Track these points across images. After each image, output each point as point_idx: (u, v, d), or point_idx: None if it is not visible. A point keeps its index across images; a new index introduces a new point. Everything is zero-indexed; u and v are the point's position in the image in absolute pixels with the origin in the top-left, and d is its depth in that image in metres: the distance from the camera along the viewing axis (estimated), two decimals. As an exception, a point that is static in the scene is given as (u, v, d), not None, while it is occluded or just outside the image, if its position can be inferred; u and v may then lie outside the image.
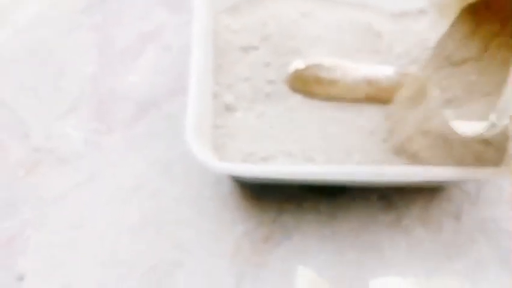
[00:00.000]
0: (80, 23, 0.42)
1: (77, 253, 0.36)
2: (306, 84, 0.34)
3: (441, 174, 0.32)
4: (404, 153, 0.33)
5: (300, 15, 0.37)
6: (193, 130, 0.30)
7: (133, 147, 0.39)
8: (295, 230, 0.36)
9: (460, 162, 0.32)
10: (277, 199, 0.37)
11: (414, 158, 0.32)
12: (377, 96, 0.34)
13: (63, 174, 0.38)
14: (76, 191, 0.38)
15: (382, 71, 0.34)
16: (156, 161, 0.38)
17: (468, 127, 0.28)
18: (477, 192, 0.38)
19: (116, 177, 0.38)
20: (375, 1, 0.38)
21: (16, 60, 0.41)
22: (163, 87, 0.40)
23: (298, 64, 0.33)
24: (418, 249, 0.36)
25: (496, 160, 0.33)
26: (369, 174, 0.31)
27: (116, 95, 0.40)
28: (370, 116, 0.34)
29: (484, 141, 0.35)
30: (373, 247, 0.36)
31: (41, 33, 0.42)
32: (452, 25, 0.30)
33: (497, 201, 0.37)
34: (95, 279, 0.35)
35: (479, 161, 0.34)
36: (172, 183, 0.38)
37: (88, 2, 0.43)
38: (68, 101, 0.40)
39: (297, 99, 0.35)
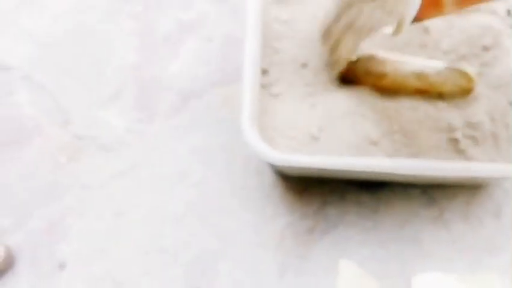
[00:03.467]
0: (121, 9, 0.42)
1: (119, 241, 0.36)
2: (357, 76, 0.34)
3: (484, 170, 0.32)
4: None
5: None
6: (249, 122, 0.30)
7: (174, 137, 0.39)
8: (338, 222, 0.36)
9: None
10: (319, 192, 0.37)
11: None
12: (427, 90, 0.34)
13: (104, 162, 0.38)
14: (117, 179, 0.38)
15: (431, 65, 0.34)
16: (198, 151, 0.38)
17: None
18: (517, 190, 0.38)
19: (158, 166, 0.38)
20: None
21: (57, 46, 0.41)
22: (204, 77, 0.40)
23: (350, 55, 0.33)
24: (459, 244, 0.36)
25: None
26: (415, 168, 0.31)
27: (157, 85, 0.40)
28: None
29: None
30: (414, 241, 0.36)
31: (83, 21, 0.42)
32: None
33: (540, 199, 0.38)
34: (137, 267, 0.35)
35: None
36: (214, 173, 0.38)
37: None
38: (110, 89, 0.40)
39: (345, 90, 0.35)
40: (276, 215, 0.37)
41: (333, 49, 0.34)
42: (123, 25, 0.42)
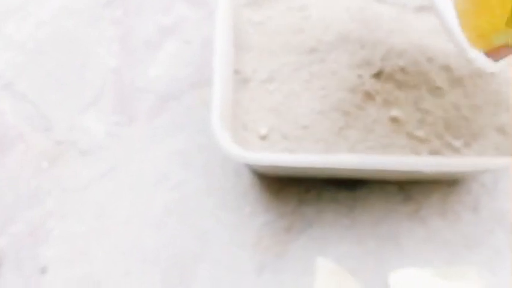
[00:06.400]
0: (103, 16, 0.43)
1: (100, 244, 0.37)
2: None
3: (458, 163, 0.33)
4: None
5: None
6: (219, 125, 0.31)
7: (154, 139, 0.39)
8: (315, 221, 0.37)
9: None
10: (296, 190, 0.37)
11: None
12: None
13: (85, 165, 0.39)
14: (98, 182, 0.38)
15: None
16: (177, 153, 0.39)
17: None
18: (494, 184, 0.38)
19: (138, 168, 0.38)
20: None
21: (38, 52, 0.42)
22: (183, 80, 0.41)
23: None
24: (436, 240, 0.36)
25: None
26: (386, 163, 0.32)
27: (137, 88, 0.41)
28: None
29: (503, 132, 0.35)
30: (392, 237, 0.36)
31: (64, 26, 0.43)
32: None
33: (516, 193, 0.38)
34: (118, 269, 0.36)
35: (497, 150, 0.34)
36: (193, 174, 0.38)
37: (110, -5, 0.44)
38: (90, 94, 0.40)
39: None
40: (254, 214, 0.37)
41: None
42: (104, 30, 0.42)
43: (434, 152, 0.34)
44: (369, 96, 0.36)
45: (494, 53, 0.30)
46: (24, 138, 0.40)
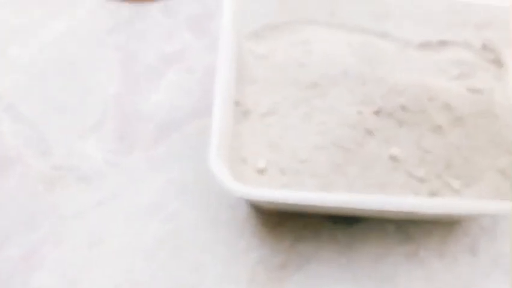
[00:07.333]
0: (107, 41, 0.43)
1: (93, 272, 0.36)
2: None
3: (456, 206, 0.32)
4: None
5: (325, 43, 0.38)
6: (216, 160, 0.31)
7: (152, 168, 0.39)
8: (312, 258, 0.36)
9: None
10: (293, 225, 0.37)
11: None
12: None
13: (82, 192, 0.38)
14: (94, 210, 0.38)
15: None
16: (175, 183, 0.38)
17: None
18: (494, 227, 0.38)
19: (135, 197, 0.38)
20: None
21: (41, 75, 0.42)
22: (184, 108, 0.41)
23: None
24: (434, 282, 0.36)
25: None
26: (387, 204, 0.31)
27: (138, 116, 0.40)
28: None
29: (504, 174, 0.35)
30: (389, 278, 0.36)
31: (68, 50, 0.43)
32: None
33: (515, 238, 0.37)
34: (109, 299, 0.35)
35: (497, 192, 0.34)
36: (189, 205, 0.38)
37: (116, 21, 0.44)
38: (91, 120, 0.40)
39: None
40: (249, 249, 0.36)
41: None
42: (107, 55, 0.43)
43: (433, 192, 0.34)
44: (369, 133, 0.36)
45: None
46: (22, 160, 0.39)
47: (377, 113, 0.36)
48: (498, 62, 0.39)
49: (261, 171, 0.34)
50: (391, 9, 0.39)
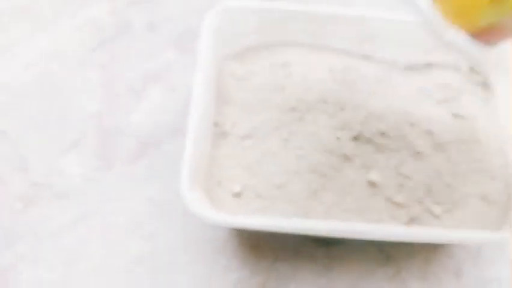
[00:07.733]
0: (90, 60, 0.43)
1: (69, 291, 0.36)
2: None
3: (438, 236, 0.32)
4: None
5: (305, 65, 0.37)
6: (188, 187, 0.30)
7: (131, 186, 0.39)
8: (291, 279, 0.36)
9: None
10: (273, 246, 0.36)
11: None
12: None
13: (60, 210, 0.38)
14: (70, 228, 0.37)
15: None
16: (153, 201, 0.38)
17: None
18: (478, 250, 0.37)
19: (113, 215, 0.38)
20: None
21: (22, 93, 0.42)
22: (165, 126, 0.40)
23: None
24: (416, 306, 0.35)
25: (498, 221, 0.32)
26: (369, 232, 0.31)
27: (119, 133, 0.40)
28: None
29: (487, 200, 0.34)
30: (370, 301, 0.35)
31: (50, 69, 0.43)
32: None
33: (499, 261, 0.36)
34: (84, 320, 0.35)
35: (479, 219, 0.33)
36: (167, 224, 0.37)
37: (101, 39, 0.44)
38: (70, 137, 0.40)
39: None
40: (228, 269, 0.36)
41: None
42: (89, 74, 0.43)
43: (412, 218, 0.33)
44: (347, 158, 0.35)
45: (482, 35, 0.24)
46: (0, 178, 0.39)
47: (356, 138, 0.35)
48: (485, 85, 0.39)
49: (236, 195, 0.34)
50: (376, 31, 0.38)
